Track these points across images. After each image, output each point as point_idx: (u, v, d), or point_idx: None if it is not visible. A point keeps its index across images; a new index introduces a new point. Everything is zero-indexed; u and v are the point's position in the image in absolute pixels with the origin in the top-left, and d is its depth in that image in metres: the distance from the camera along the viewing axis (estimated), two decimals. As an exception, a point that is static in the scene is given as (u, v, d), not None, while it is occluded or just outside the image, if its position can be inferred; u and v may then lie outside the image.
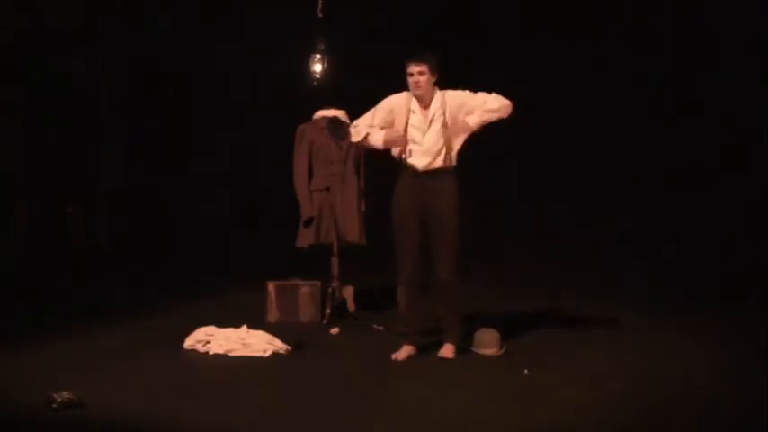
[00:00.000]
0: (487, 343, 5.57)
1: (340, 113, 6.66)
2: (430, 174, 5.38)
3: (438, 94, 5.41)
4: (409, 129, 5.41)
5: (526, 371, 5.10)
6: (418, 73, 5.31)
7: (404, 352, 5.48)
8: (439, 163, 5.39)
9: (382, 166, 5.74)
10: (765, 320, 6.16)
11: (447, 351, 5.46)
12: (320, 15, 7.02)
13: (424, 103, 5.40)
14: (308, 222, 6.58)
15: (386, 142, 5.43)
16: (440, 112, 5.38)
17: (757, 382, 4.84)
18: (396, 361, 5.41)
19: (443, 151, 5.37)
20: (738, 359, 5.42)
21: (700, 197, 8.20)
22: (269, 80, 8.91)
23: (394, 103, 5.48)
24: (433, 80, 5.37)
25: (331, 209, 6.57)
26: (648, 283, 7.71)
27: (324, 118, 6.64)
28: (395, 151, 5.48)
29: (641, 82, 8.45)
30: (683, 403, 4.58)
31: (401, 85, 5.49)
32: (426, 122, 5.38)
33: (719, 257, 7.91)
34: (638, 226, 8.45)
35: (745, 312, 6.67)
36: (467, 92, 5.42)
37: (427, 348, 5.51)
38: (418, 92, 5.35)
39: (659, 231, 8.47)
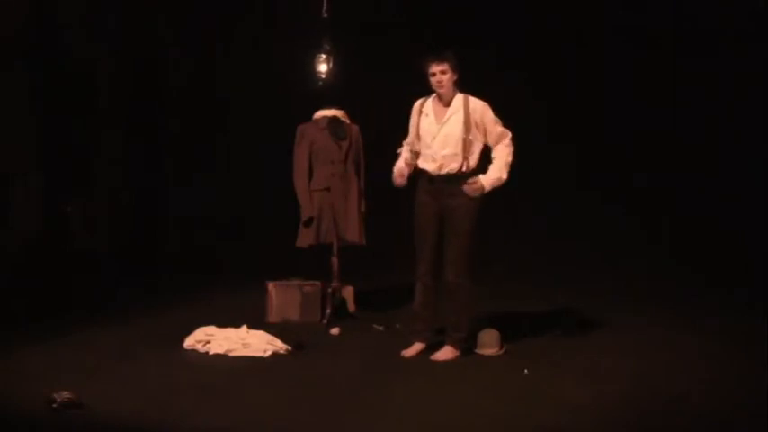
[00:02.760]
0: (488, 343, 5.57)
1: (340, 113, 6.66)
2: (443, 178, 5.33)
3: (459, 96, 5.33)
4: (421, 133, 5.40)
5: (526, 371, 5.11)
6: (440, 72, 5.25)
7: (413, 349, 5.50)
8: (452, 167, 5.30)
9: (383, 166, 5.73)
10: (765, 320, 6.16)
11: (441, 354, 5.43)
12: (325, 15, 7.03)
13: (444, 103, 5.34)
14: (308, 222, 6.57)
15: (395, 173, 5.53)
16: (458, 115, 5.29)
17: (756, 381, 4.84)
18: (404, 357, 5.43)
19: (459, 155, 5.28)
20: (738, 359, 5.42)
21: (698, 196, 8.20)
22: (269, 80, 8.90)
23: (413, 110, 5.49)
24: (455, 78, 5.30)
25: (331, 209, 6.57)
26: (648, 283, 7.71)
27: (324, 118, 6.64)
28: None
29: (640, 80, 8.47)
30: (682, 403, 4.58)
31: (402, 85, 5.49)
32: (438, 126, 5.33)
33: (719, 257, 7.90)
34: (639, 225, 8.46)
35: (745, 312, 6.68)
36: (490, 112, 5.33)
37: (437, 347, 5.50)
38: (441, 90, 5.30)
39: (659, 231, 8.48)
